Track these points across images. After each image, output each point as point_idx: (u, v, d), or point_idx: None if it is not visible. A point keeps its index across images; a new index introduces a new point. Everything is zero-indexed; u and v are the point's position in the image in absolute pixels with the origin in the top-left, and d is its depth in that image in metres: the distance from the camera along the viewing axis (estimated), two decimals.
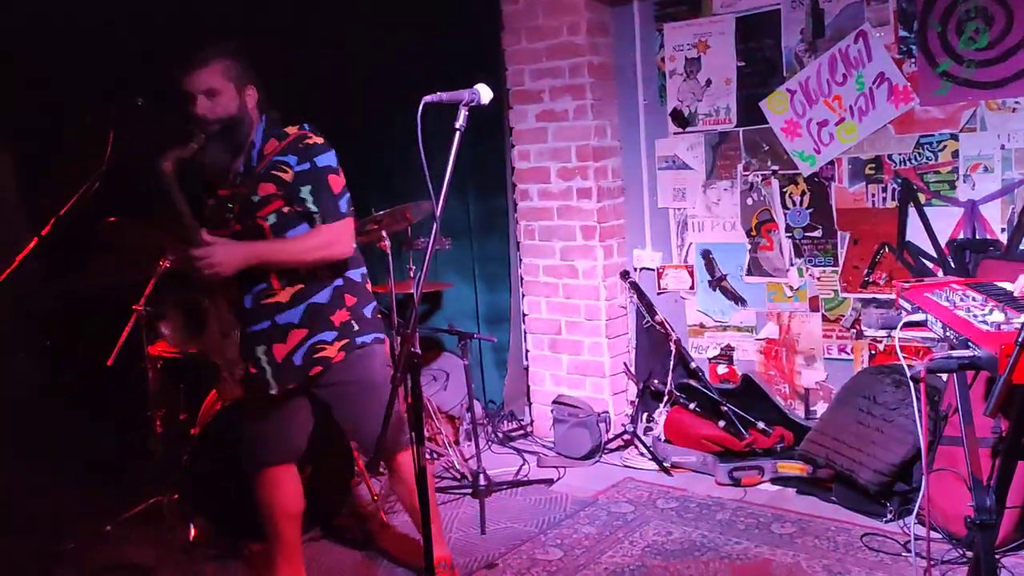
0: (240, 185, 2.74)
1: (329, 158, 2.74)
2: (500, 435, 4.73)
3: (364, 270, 2.94)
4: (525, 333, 4.86)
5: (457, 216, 4.89)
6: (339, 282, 2.82)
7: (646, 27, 4.41)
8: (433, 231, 2.31)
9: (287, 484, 2.99)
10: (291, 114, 2.83)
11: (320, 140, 2.74)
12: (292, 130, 2.75)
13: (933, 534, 3.27)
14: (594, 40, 4.36)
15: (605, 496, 3.93)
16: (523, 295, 4.82)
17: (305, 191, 2.69)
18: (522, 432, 4.80)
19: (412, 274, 4.32)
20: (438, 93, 2.28)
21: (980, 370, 2.18)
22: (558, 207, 4.56)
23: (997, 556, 3.06)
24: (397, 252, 4.11)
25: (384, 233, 3.80)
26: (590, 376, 4.60)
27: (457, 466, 4.18)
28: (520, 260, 4.81)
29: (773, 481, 3.93)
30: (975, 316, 2.23)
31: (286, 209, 2.71)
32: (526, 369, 4.89)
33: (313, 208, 2.70)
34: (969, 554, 3.06)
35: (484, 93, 2.37)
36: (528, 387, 4.88)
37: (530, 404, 4.89)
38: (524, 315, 4.83)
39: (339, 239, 2.73)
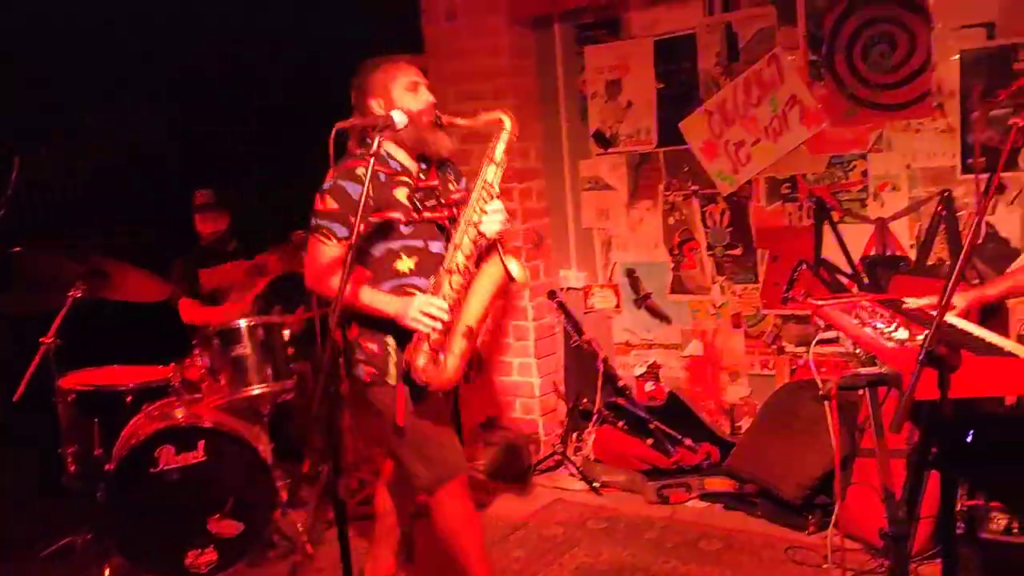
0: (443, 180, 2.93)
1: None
2: None
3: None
4: None
5: None
6: None
7: (568, 50, 4.46)
8: (347, 259, 2.29)
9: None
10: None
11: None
12: None
13: (853, 544, 3.35)
14: (516, 62, 4.39)
15: (536, 519, 3.92)
16: None
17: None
18: None
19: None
20: (351, 119, 2.26)
21: (887, 386, 2.25)
22: None
23: (913, 565, 3.14)
24: None
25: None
26: (520, 397, 4.59)
27: None
28: None
29: (701, 497, 3.97)
30: (882, 334, 2.29)
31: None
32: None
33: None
34: (887, 564, 3.13)
35: (399, 119, 2.36)
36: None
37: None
38: None
39: None
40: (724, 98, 4.03)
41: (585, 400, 4.44)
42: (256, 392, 3.55)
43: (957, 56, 3.47)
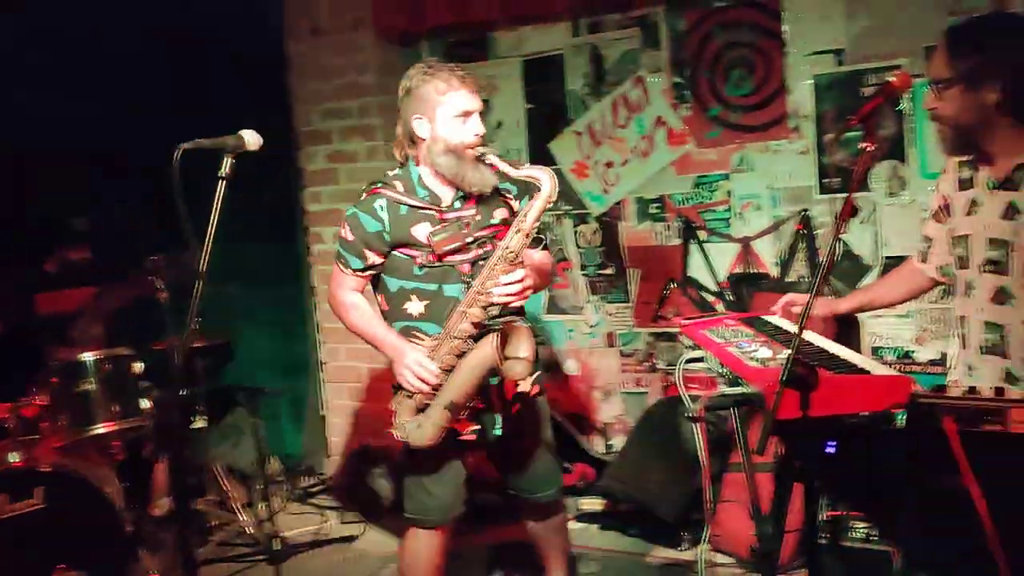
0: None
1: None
2: (299, 492, 4.48)
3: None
4: (324, 382, 4.66)
5: (248, 262, 4.62)
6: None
7: None
8: (197, 286, 2.14)
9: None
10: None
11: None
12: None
13: (724, 558, 3.39)
14: (383, 80, 4.28)
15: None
16: (322, 342, 4.63)
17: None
18: (323, 487, 4.57)
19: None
20: (197, 140, 2.11)
21: (752, 406, 2.27)
22: None
23: None
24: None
25: (159, 284, 3.50)
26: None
27: (250, 531, 3.90)
28: (316, 306, 4.62)
29: (577, 518, 3.94)
30: (745, 352, 2.31)
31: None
32: (323, 419, 4.68)
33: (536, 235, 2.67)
34: None
35: (250, 139, 2.23)
36: (327, 439, 4.67)
37: (329, 457, 4.68)
38: (322, 363, 4.64)
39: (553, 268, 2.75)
40: (592, 119, 4.06)
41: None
42: (102, 431, 3.30)
43: (811, 80, 3.60)
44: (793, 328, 2.48)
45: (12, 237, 3.96)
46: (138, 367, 3.42)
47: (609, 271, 4.16)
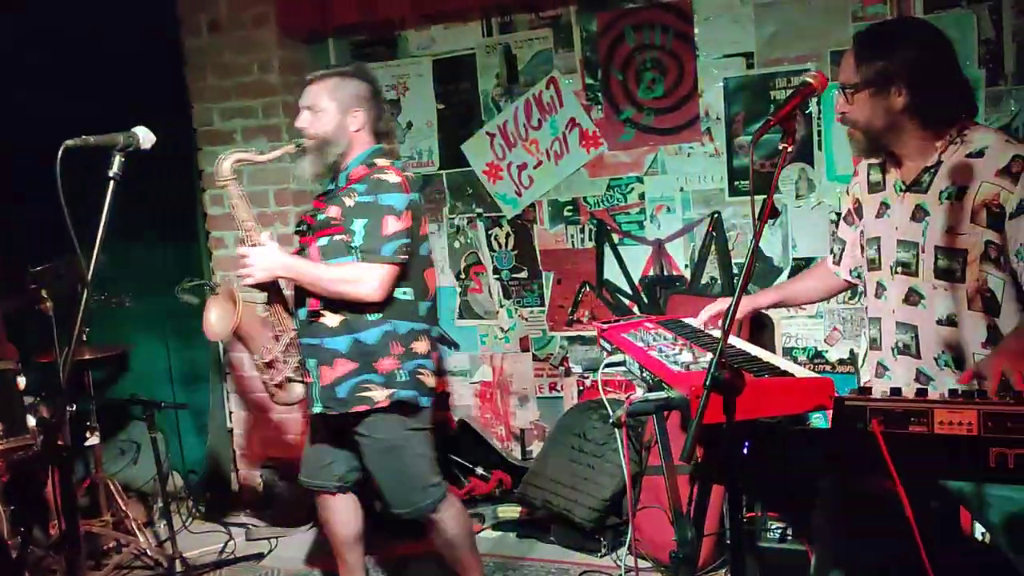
0: (320, 203, 2.77)
1: (396, 199, 2.64)
2: (203, 509, 4.27)
3: (419, 327, 2.78)
4: (228, 393, 4.46)
5: (145, 268, 4.39)
6: (388, 327, 2.70)
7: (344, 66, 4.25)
8: (85, 293, 1.98)
9: (338, 511, 2.96)
10: None
11: (397, 179, 2.66)
12: (383, 162, 2.71)
13: (643, 563, 3.37)
14: (288, 79, 4.13)
15: (321, 565, 3.65)
16: (224, 352, 4.43)
17: (358, 224, 2.63)
18: (229, 503, 4.37)
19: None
20: (84, 136, 1.95)
21: (676, 410, 2.23)
22: None
23: None
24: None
25: (44, 293, 3.27)
26: (303, 435, 4.30)
27: (150, 552, 3.68)
28: None
29: (494, 527, 3.88)
30: (667, 356, 2.28)
31: (337, 236, 2.65)
32: (230, 432, 4.48)
33: (358, 242, 2.62)
34: None
35: (144, 137, 2.07)
36: (234, 452, 4.47)
37: (237, 470, 4.47)
38: (227, 373, 4.43)
39: (366, 279, 2.62)
40: (505, 120, 4.00)
41: None
42: None
43: (721, 83, 3.63)
44: (713, 332, 2.49)
45: None
46: (21, 381, 3.18)
47: (523, 274, 4.11)
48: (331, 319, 2.69)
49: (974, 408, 1.53)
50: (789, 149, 1.87)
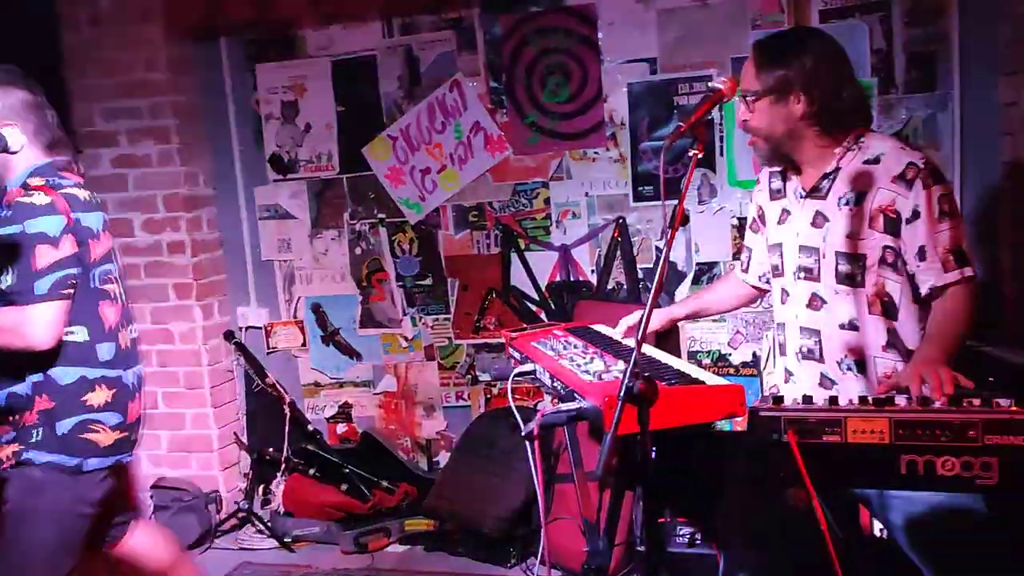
0: None
1: (47, 224, 2.19)
2: None
3: (95, 373, 2.32)
4: None
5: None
6: (38, 377, 2.27)
7: (237, 66, 4.07)
8: None
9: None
10: None
11: (47, 199, 2.21)
12: (37, 181, 2.26)
13: (554, 572, 3.34)
14: (177, 78, 3.93)
15: None
16: None
17: (6, 260, 2.21)
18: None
19: None
20: None
21: (588, 421, 2.19)
22: (146, 264, 4.02)
23: None
24: None
25: None
26: (196, 452, 4.10)
27: None
28: None
29: (401, 541, 3.78)
30: (578, 366, 2.24)
31: None
32: None
33: (7, 283, 2.21)
34: None
35: (12, 138, 1.91)
36: None
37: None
38: None
39: (24, 324, 2.18)
40: (408, 123, 3.90)
41: (271, 449, 4.06)
42: None
43: (625, 89, 3.63)
44: (625, 340, 2.46)
45: None
46: None
47: (427, 281, 4.02)
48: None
49: (885, 417, 1.54)
50: (700, 155, 1.86)
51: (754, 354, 3.61)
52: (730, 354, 3.65)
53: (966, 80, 3.28)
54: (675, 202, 1.80)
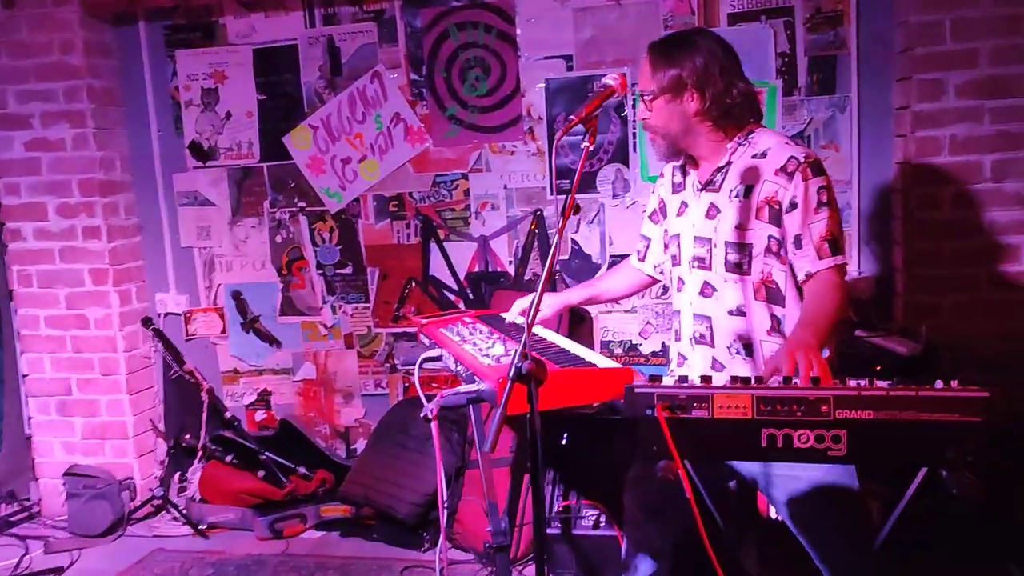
0: None
1: None
2: None
3: None
4: (26, 397, 4.14)
5: None
6: None
7: (156, 52, 4.05)
8: None
9: None
10: None
11: None
12: None
13: (463, 555, 3.41)
14: (94, 62, 3.89)
15: (130, 574, 3.47)
16: (21, 352, 4.12)
17: None
18: (26, 515, 4.07)
19: None
20: None
21: (485, 402, 2.27)
22: (60, 248, 3.97)
23: (520, 568, 3.27)
24: None
25: None
26: (110, 439, 4.06)
27: None
28: (15, 311, 4.10)
29: (317, 527, 3.81)
30: (480, 350, 2.32)
31: None
32: (28, 439, 4.17)
33: None
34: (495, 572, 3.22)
35: None
36: (32, 460, 4.16)
37: (36, 480, 4.17)
38: (23, 376, 4.12)
39: None
40: (329, 112, 3.93)
41: (188, 436, 4.05)
42: None
43: (543, 84, 3.72)
44: (518, 322, 2.54)
45: None
46: None
47: (347, 270, 4.05)
48: None
49: (749, 393, 1.64)
50: (590, 147, 1.95)
51: (663, 344, 3.73)
52: (640, 344, 3.77)
53: (863, 84, 3.44)
54: (565, 196, 1.87)
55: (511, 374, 1.83)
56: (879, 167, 3.47)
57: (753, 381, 1.68)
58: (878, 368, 3.07)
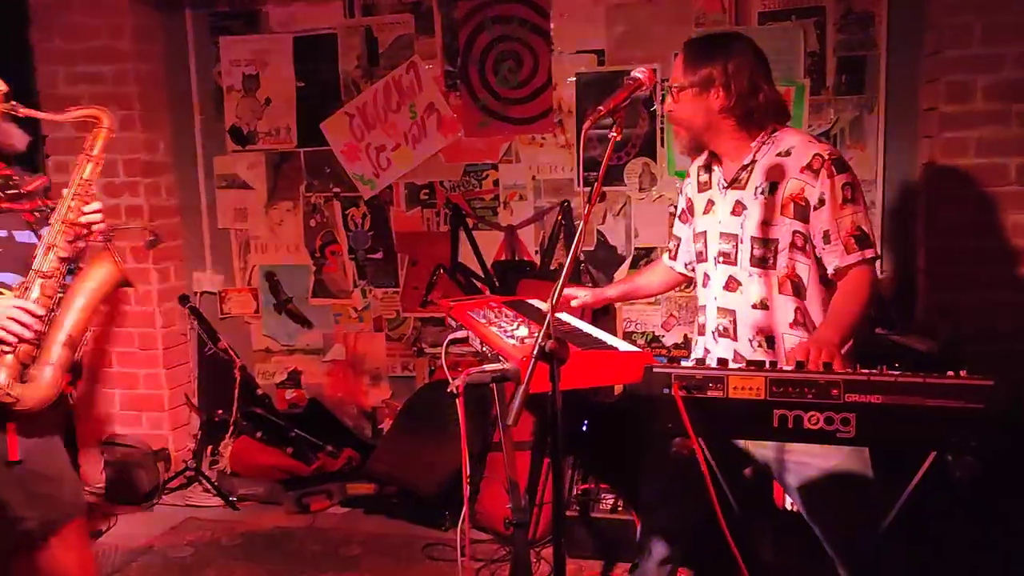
0: None
1: None
2: None
3: None
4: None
5: None
6: None
7: (201, 38, 4.18)
8: None
9: None
10: None
11: None
12: None
13: (484, 536, 3.50)
14: (141, 46, 4.02)
15: (162, 541, 3.61)
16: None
17: None
18: None
19: None
20: None
21: (510, 381, 2.36)
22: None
23: (538, 549, 3.36)
24: None
25: None
26: (147, 411, 4.21)
27: None
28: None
29: (343, 503, 3.92)
30: (505, 332, 2.41)
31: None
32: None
33: None
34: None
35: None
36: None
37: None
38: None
39: None
40: (365, 101, 4.03)
41: (221, 411, 4.18)
42: None
43: (574, 78, 3.80)
44: (560, 315, 2.63)
45: None
46: None
47: (378, 255, 4.16)
48: None
49: (762, 375, 1.72)
50: (618, 138, 2.03)
51: (685, 336, 3.80)
52: (663, 335, 3.84)
53: (891, 85, 3.48)
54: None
55: (535, 352, 1.91)
56: (904, 167, 3.51)
57: (767, 365, 1.76)
58: (896, 364, 3.13)
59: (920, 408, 1.65)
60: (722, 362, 1.84)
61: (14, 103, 2.34)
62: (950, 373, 1.65)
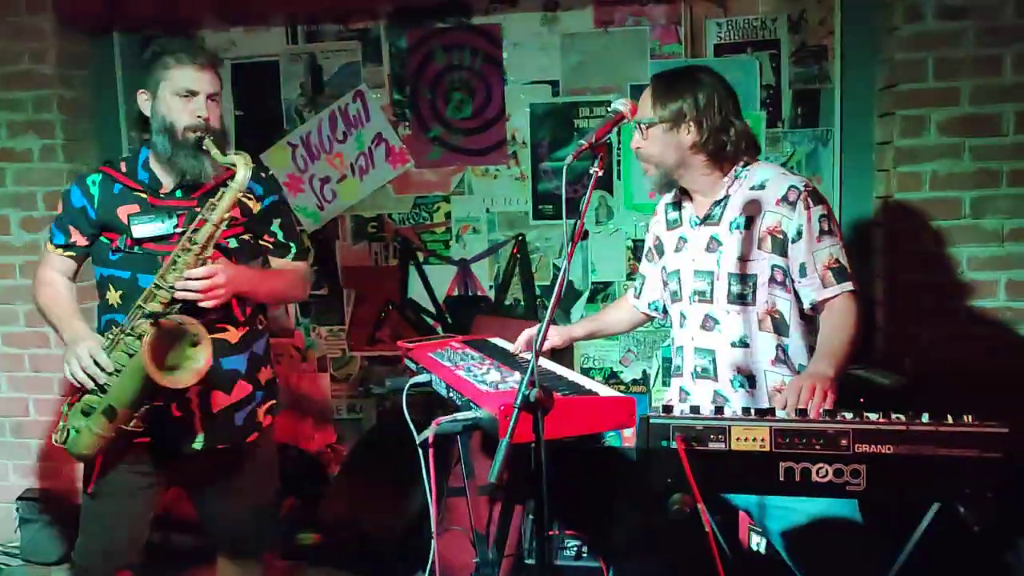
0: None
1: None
2: None
3: None
4: None
5: None
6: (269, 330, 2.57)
7: (132, 64, 3.95)
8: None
9: None
10: None
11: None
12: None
13: None
14: (66, 72, 3.77)
15: None
16: None
17: (276, 224, 2.48)
18: None
19: None
20: None
21: (484, 431, 2.21)
22: (21, 264, 3.82)
23: None
24: None
25: None
26: (67, 464, 3.90)
27: None
28: None
29: (284, 556, 3.68)
30: (475, 376, 2.27)
31: (247, 236, 2.41)
32: None
33: (284, 241, 2.50)
34: None
35: None
36: None
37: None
38: None
39: (306, 279, 2.63)
40: (309, 131, 3.87)
41: None
42: None
43: (528, 109, 3.70)
44: (523, 354, 2.50)
45: None
46: None
47: (323, 291, 3.97)
48: (235, 334, 2.38)
49: (767, 425, 1.62)
50: (600, 173, 1.93)
51: (644, 372, 3.71)
52: (621, 371, 3.74)
53: (847, 118, 3.49)
54: (574, 221, 1.86)
55: (518, 402, 1.78)
56: (860, 201, 3.51)
57: (773, 410, 1.66)
58: (862, 400, 3.10)
59: (933, 458, 1.57)
60: (719, 410, 1.74)
61: (203, 134, 2.34)
62: (966, 419, 1.58)
